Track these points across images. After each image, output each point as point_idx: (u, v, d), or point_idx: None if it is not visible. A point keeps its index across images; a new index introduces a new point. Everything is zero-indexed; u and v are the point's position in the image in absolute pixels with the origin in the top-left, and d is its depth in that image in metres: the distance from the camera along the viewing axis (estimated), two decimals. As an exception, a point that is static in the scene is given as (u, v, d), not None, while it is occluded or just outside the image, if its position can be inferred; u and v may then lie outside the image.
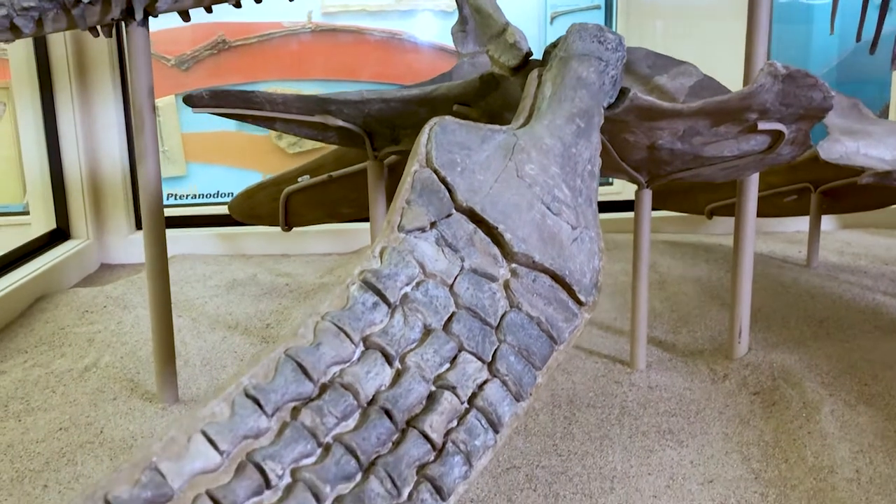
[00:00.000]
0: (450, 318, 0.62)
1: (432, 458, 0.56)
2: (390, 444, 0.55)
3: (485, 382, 0.61)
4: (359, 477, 0.53)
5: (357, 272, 0.61)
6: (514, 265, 0.68)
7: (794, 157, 1.10)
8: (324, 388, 0.55)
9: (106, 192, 2.17)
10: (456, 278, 0.64)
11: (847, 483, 0.90)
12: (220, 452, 0.48)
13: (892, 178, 1.22)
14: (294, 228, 2.02)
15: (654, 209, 1.23)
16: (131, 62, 1.08)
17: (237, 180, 2.30)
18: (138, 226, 2.24)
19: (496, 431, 0.60)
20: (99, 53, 2.08)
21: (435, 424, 0.57)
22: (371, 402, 0.56)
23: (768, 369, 1.21)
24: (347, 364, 0.57)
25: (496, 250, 0.68)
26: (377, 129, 1.09)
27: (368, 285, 0.60)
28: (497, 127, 0.76)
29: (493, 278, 0.66)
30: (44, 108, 2.04)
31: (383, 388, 0.57)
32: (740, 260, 1.21)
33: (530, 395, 0.64)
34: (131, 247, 2.19)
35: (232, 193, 2.34)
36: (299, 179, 1.78)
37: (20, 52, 1.99)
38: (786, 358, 1.23)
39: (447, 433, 0.57)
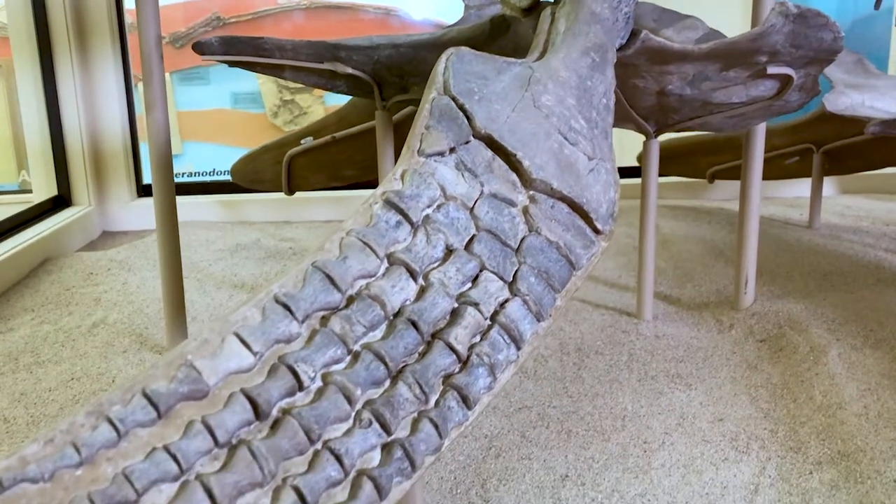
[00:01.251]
0: (471, 240, 0.63)
1: (457, 369, 0.57)
2: (417, 354, 0.56)
3: (506, 301, 0.62)
4: (387, 384, 0.54)
5: (379, 192, 0.61)
6: (532, 192, 0.69)
7: (801, 104, 1.10)
8: (351, 300, 0.55)
9: (107, 160, 2.16)
10: (476, 202, 0.65)
11: (856, 418, 0.91)
12: (254, 354, 0.49)
13: (898, 127, 1.22)
14: (296, 194, 2.02)
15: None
16: (139, 10, 1.08)
17: (233, 158, 2.30)
18: (139, 193, 2.24)
19: (518, 347, 0.61)
20: (99, 20, 2.07)
21: (460, 337, 0.57)
22: (397, 315, 0.57)
23: (774, 318, 1.22)
24: (373, 278, 0.57)
25: (514, 177, 0.68)
26: (386, 76, 1.09)
27: (391, 205, 0.60)
28: (512, 59, 0.76)
29: (512, 203, 0.67)
30: (44, 76, 2.03)
31: (408, 302, 0.58)
32: (747, 210, 1.22)
33: (550, 315, 0.64)
34: (133, 214, 2.19)
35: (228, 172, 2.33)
36: (302, 141, 1.78)
37: (20, 19, 1.97)
38: (791, 307, 1.25)
39: (471, 347, 0.58)
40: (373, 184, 2.20)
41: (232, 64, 1.11)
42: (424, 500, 0.78)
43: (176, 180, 2.28)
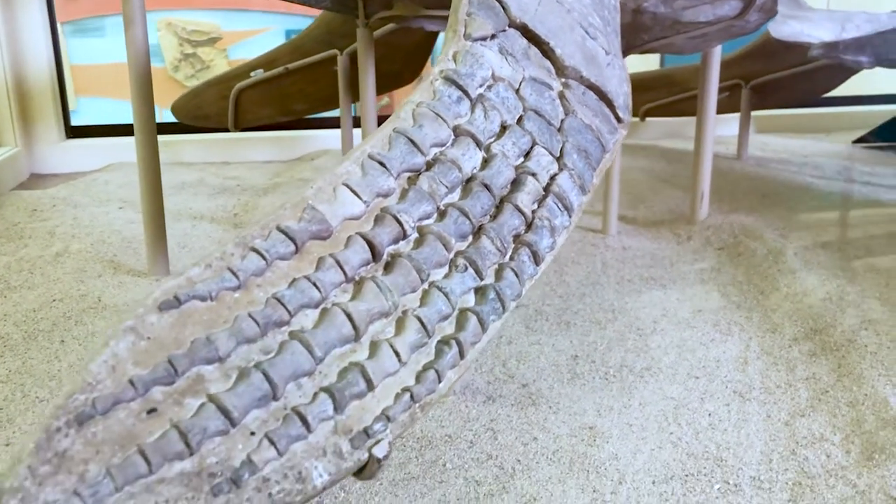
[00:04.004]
0: (520, 118, 0.67)
1: (524, 229, 0.62)
2: (489, 216, 0.60)
3: (556, 174, 0.67)
4: (470, 239, 0.58)
5: (437, 71, 0.65)
6: (564, 79, 0.73)
7: (758, 25, 1.19)
8: (429, 165, 0.59)
9: (33, 101, 2.08)
10: (520, 84, 0.69)
11: (821, 302, 1.01)
12: (363, 202, 0.52)
13: (839, 50, 1.33)
14: (233, 135, 2.00)
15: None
16: (119, -80, 1.05)
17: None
18: (68, 134, 2.16)
19: (570, 215, 0.66)
20: (21, -51, 1.97)
21: (524, 202, 0.62)
22: (469, 181, 0.61)
23: (729, 229, 1.32)
24: (444, 147, 0.61)
25: (549, 64, 0.73)
26: (373, -8, 1.11)
27: (451, 81, 0.64)
28: (531, -40, 0.80)
29: (550, 87, 0.71)
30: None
31: (475, 169, 0.62)
32: (703, 125, 1.31)
33: (590, 191, 0.70)
34: (63, 155, 2.12)
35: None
36: (252, 74, 1.76)
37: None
38: (743, 220, 1.35)
39: (533, 212, 0.63)
40: (325, 122, 2.19)
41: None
42: (456, 378, 0.82)
43: (102, 122, 2.22)
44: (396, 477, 0.67)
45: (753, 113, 2.02)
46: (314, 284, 0.47)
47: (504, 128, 0.66)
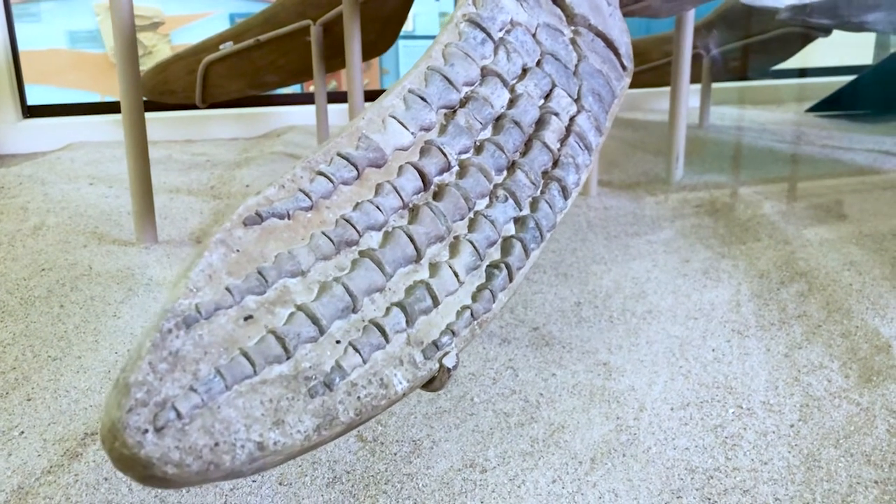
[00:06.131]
0: (538, 61, 0.69)
1: (551, 166, 0.64)
2: (519, 153, 0.62)
3: (576, 114, 0.69)
4: (506, 172, 0.60)
5: (460, 14, 0.67)
6: (574, 26, 0.76)
7: (732, -12, 1.23)
8: (463, 102, 0.61)
9: (-13, 78, 2.02)
10: (536, 29, 0.71)
11: (803, 248, 1.06)
12: (411, 133, 0.54)
13: (806, 13, 1.38)
14: (196, 113, 1.98)
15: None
16: None
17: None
18: (25, 114, 2.11)
19: (589, 154, 0.68)
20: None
21: (550, 139, 0.64)
22: (499, 118, 0.63)
23: (704, 188, 1.36)
24: (474, 85, 0.63)
25: (560, 11, 0.75)
26: (360, -44, 1.11)
27: (474, 23, 0.66)
28: (532, -85, 0.82)
29: (562, 33, 0.74)
30: None
31: (503, 108, 0.64)
32: (678, 89, 1.35)
33: (604, 133, 0.72)
34: (19, 135, 2.06)
35: (66, 115, 2.21)
36: (221, 47, 1.75)
37: None
38: (717, 179, 1.39)
39: (558, 149, 0.65)
40: (289, 99, 2.17)
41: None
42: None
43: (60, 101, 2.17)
44: (429, 411, 0.69)
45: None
46: (377, 208, 0.48)
47: (525, 70, 0.68)
